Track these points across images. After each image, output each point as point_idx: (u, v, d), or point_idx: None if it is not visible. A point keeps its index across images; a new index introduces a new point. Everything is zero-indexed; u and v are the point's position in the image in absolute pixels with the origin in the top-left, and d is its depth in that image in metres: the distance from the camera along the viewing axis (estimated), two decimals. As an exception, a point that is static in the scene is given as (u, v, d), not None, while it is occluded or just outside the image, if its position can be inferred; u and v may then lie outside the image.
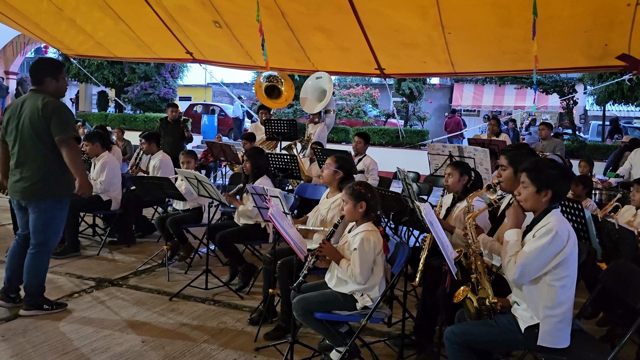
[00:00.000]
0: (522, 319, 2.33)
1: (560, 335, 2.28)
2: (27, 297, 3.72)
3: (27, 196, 3.60)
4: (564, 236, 2.24)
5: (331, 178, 3.60)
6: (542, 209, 2.35)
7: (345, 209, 2.88)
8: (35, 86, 3.63)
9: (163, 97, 17.15)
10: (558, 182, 2.33)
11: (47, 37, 10.66)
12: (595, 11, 5.85)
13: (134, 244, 5.70)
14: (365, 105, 18.15)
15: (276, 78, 7.29)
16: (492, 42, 7.06)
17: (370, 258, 2.76)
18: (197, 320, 3.75)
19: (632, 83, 11.90)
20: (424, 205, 2.54)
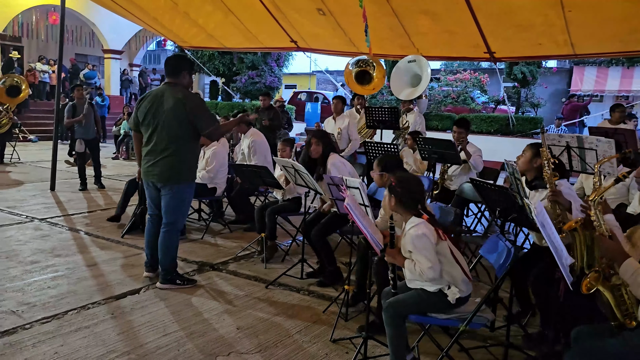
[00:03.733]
0: None
1: None
2: (163, 272, 4.08)
3: (166, 179, 3.90)
4: None
5: (381, 182, 3.66)
6: None
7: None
8: (173, 79, 3.93)
9: (269, 86, 17.60)
10: None
11: (165, 31, 11.35)
12: None
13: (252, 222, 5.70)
14: (472, 92, 17.24)
15: (366, 62, 7.01)
16: (619, 20, 6.32)
17: (431, 250, 2.57)
18: (290, 310, 3.74)
19: None
20: (537, 204, 2.27)
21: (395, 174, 2.83)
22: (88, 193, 7.80)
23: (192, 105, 3.82)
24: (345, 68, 7.24)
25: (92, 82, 18.37)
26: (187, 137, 3.88)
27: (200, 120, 3.84)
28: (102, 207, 6.89)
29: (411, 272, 2.64)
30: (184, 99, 3.80)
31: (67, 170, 9.89)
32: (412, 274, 2.65)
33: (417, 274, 2.60)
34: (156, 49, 32.07)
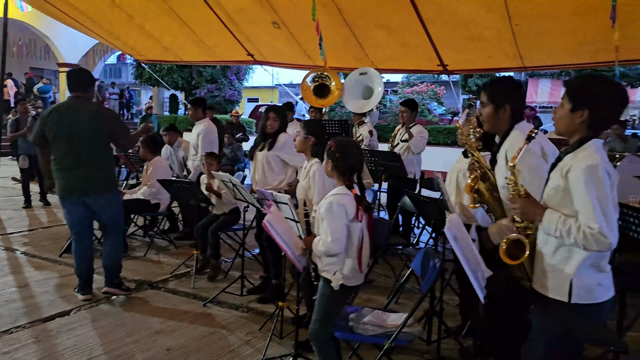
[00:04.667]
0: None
1: None
2: (109, 276, 4.12)
3: (97, 188, 3.96)
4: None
5: (304, 145, 3.44)
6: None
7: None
8: (81, 93, 4.02)
9: (229, 99, 17.45)
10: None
11: (120, 44, 11.08)
12: (687, -8, 5.15)
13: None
14: (430, 104, 17.49)
15: (323, 76, 7.02)
16: (567, 33, 6.44)
17: (341, 224, 2.47)
18: (226, 328, 3.59)
19: None
20: (452, 216, 2.20)
21: (335, 138, 2.73)
22: (32, 210, 7.46)
23: (109, 119, 4.02)
24: (303, 83, 7.21)
25: (47, 97, 17.87)
26: (107, 148, 4.07)
27: (117, 133, 4.00)
28: (44, 225, 6.59)
29: (315, 248, 2.54)
30: (100, 111, 3.97)
31: (13, 187, 9.49)
32: (316, 250, 2.54)
33: (320, 249, 2.50)
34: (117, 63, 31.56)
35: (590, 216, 1.83)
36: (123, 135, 4.05)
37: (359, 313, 2.66)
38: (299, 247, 2.64)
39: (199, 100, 6.03)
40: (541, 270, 2.04)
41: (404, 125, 5.81)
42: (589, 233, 1.82)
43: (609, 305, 1.98)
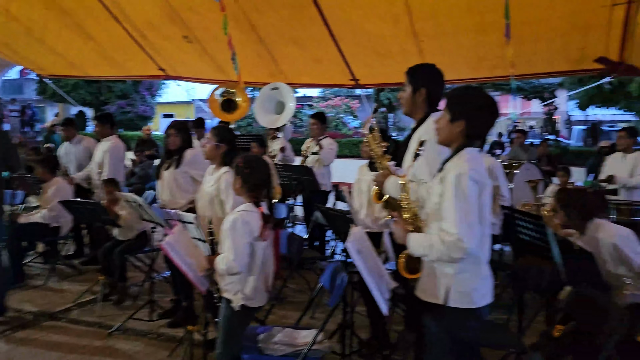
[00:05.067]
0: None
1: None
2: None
3: None
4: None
5: (214, 153, 3.30)
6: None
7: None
8: None
9: (142, 115, 16.87)
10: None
11: (18, 58, 10.42)
12: (570, 14, 5.61)
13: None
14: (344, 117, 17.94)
15: (229, 92, 6.97)
16: (468, 49, 6.82)
17: (244, 242, 2.42)
18: (132, 357, 3.39)
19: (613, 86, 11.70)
20: (355, 229, 2.21)
21: (243, 155, 2.68)
22: None
23: (4, 141, 3.91)
24: (211, 97, 7.08)
25: None
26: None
27: (11, 155, 3.91)
28: None
29: (217, 268, 2.46)
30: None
31: None
32: (218, 269, 2.46)
33: (222, 269, 2.42)
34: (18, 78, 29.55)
35: (452, 222, 1.92)
36: (16, 157, 3.91)
37: (269, 333, 2.60)
38: (204, 267, 2.55)
39: (105, 116, 5.76)
40: (423, 276, 2.11)
41: (314, 137, 5.85)
42: (449, 240, 1.90)
43: (487, 310, 2.07)
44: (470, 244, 1.89)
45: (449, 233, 1.90)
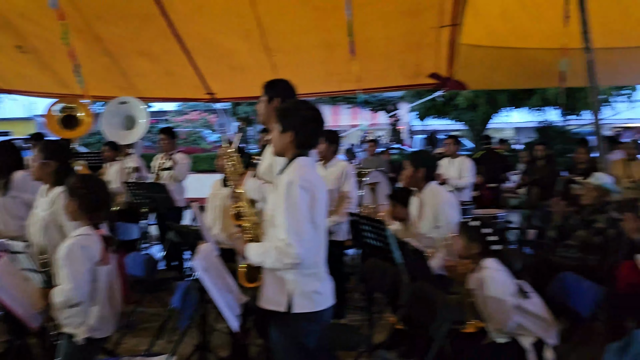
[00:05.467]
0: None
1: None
2: None
3: None
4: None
5: (42, 171, 2.91)
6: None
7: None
8: None
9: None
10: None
11: None
12: (404, 34, 6.14)
13: None
14: (202, 131, 17.73)
15: (70, 107, 6.52)
16: (318, 64, 7.14)
17: (83, 267, 2.27)
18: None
19: (444, 99, 13.02)
20: (203, 246, 2.20)
21: (78, 175, 2.51)
22: None
23: None
24: (48, 113, 6.53)
25: None
26: None
27: None
28: None
29: (54, 302, 2.28)
30: None
31: None
32: (55, 302, 2.28)
33: (59, 301, 2.25)
34: None
35: (283, 229, 2.02)
36: None
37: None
38: (37, 303, 2.33)
39: None
40: (266, 285, 2.18)
41: (166, 153, 5.77)
42: (280, 246, 2.01)
43: (330, 312, 2.20)
44: (301, 249, 1.99)
45: (280, 240, 1.99)
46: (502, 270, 2.79)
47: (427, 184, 3.66)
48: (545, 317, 2.83)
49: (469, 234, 2.91)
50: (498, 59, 6.41)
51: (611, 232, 3.82)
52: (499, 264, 2.81)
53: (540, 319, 2.80)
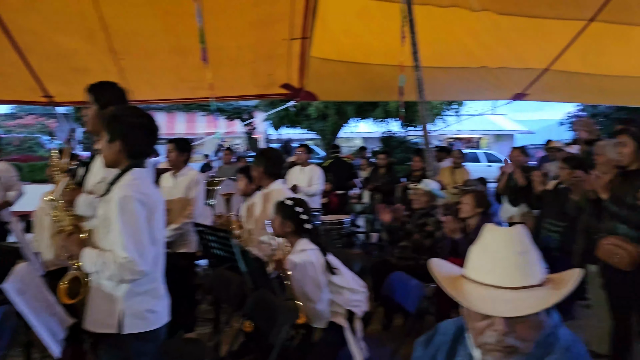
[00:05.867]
0: None
1: None
2: None
3: None
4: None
5: None
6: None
7: None
8: None
9: None
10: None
11: None
12: (256, 44, 6.23)
13: None
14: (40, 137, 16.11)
15: None
16: (169, 70, 6.92)
17: None
18: None
19: (297, 109, 13.46)
20: (19, 266, 2.02)
21: None
22: None
23: None
24: None
25: None
26: None
27: None
28: None
29: None
30: None
31: None
32: None
33: None
34: None
35: (122, 246, 1.93)
36: None
37: None
38: None
39: None
40: (92, 306, 2.05)
41: None
42: (121, 263, 1.93)
43: (165, 329, 2.14)
44: (144, 265, 1.92)
45: (120, 256, 1.90)
46: (314, 250, 3.00)
47: (273, 182, 3.73)
48: (354, 288, 3.10)
49: (283, 213, 3.09)
50: (345, 73, 6.79)
51: (438, 234, 4.28)
52: (311, 244, 3.03)
53: (350, 290, 3.07)
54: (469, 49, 6.32)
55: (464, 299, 1.39)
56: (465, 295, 1.40)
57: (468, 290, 1.42)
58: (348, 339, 2.97)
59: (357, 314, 3.07)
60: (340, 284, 3.06)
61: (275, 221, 3.10)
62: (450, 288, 1.43)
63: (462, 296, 1.40)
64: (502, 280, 1.37)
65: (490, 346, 1.38)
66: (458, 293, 1.41)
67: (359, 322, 3.07)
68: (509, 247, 1.39)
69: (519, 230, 1.43)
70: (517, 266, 1.37)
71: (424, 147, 5.06)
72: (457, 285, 1.45)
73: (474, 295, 1.39)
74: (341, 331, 2.98)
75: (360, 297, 3.15)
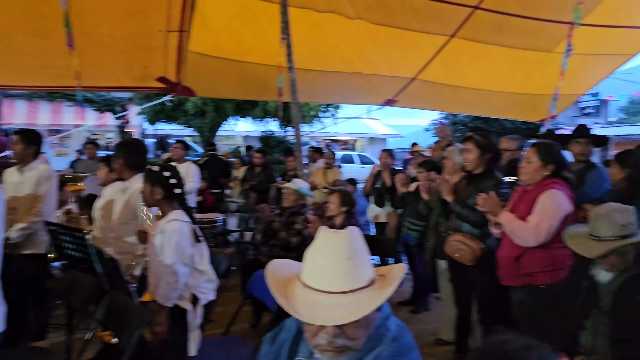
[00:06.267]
0: None
1: None
2: None
3: None
4: None
5: None
6: None
7: None
8: None
9: None
10: None
11: None
12: (130, 34, 5.93)
13: None
14: None
15: None
16: (29, 54, 6.32)
17: None
18: None
19: (173, 104, 13.06)
20: None
21: None
22: None
23: None
24: None
25: None
26: None
27: None
28: None
29: None
30: None
31: None
32: None
33: None
34: None
35: None
36: None
37: None
38: None
39: None
40: None
41: None
42: None
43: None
44: None
45: None
46: (186, 222, 2.99)
47: (134, 176, 3.58)
48: (208, 272, 3.14)
49: (152, 179, 3.03)
50: (224, 70, 6.69)
51: (306, 232, 4.41)
52: (184, 216, 3.01)
53: (203, 274, 3.09)
54: (345, 55, 6.57)
55: (289, 307, 1.44)
56: (294, 301, 1.46)
57: (298, 296, 1.47)
58: (190, 323, 2.94)
59: (200, 300, 3.06)
60: (199, 268, 3.06)
61: (144, 190, 3.02)
62: (280, 294, 1.48)
63: (288, 303, 1.45)
64: (331, 285, 1.43)
65: (323, 347, 1.46)
66: (286, 300, 1.46)
67: (200, 309, 3.06)
68: (338, 252, 1.45)
69: (349, 234, 1.50)
70: (345, 271, 1.44)
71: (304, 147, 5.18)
72: (289, 290, 1.51)
73: (301, 302, 1.44)
74: (184, 315, 2.96)
75: (210, 286, 3.15)
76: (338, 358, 1.47)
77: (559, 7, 5.23)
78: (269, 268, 1.58)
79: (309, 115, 14.94)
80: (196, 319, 3.01)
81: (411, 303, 5.50)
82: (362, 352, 1.49)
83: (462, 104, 8.12)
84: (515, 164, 3.69)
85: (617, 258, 2.42)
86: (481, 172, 3.76)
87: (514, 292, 3.35)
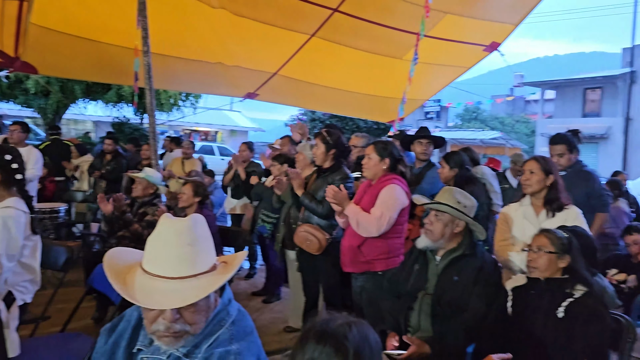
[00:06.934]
0: None
1: None
2: None
3: None
4: None
5: None
6: None
7: None
8: None
9: None
10: None
11: None
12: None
13: None
14: None
15: None
16: None
17: None
18: None
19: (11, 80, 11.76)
20: None
21: None
22: None
23: None
24: None
25: None
26: None
27: None
28: None
29: None
30: None
31: None
32: None
33: None
34: None
35: None
36: None
37: None
38: None
39: None
40: None
41: None
42: None
43: None
44: None
45: None
46: (22, 212, 2.81)
47: None
48: (35, 270, 2.98)
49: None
50: (73, 48, 6.16)
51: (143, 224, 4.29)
52: (22, 205, 2.83)
53: (29, 272, 2.94)
54: (207, 44, 6.45)
55: (127, 294, 1.44)
56: (133, 288, 1.46)
57: (138, 282, 1.48)
58: (4, 322, 2.69)
59: (17, 300, 2.86)
60: (27, 262, 2.87)
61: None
62: (117, 281, 1.47)
63: (127, 290, 1.45)
64: (170, 271, 1.45)
65: (161, 333, 1.47)
66: (124, 287, 1.46)
67: (16, 310, 2.85)
68: (179, 239, 1.48)
69: (190, 221, 1.53)
70: (185, 257, 1.47)
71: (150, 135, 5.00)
72: (130, 278, 1.50)
73: (141, 289, 1.45)
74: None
75: (31, 287, 2.96)
76: (176, 343, 1.49)
77: (409, 18, 5.67)
78: (106, 257, 1.55)
79: (168, 103, 14.31)
80: (13, 320, 2.77)
81: (264, 293, 5.63)
82: (201, 337, 1.52)
83: (319, 101, 8.44)
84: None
85: (437, 223, 2.75)
86: (329, 167, 4.01)
87: (355, 278, 3.64)
